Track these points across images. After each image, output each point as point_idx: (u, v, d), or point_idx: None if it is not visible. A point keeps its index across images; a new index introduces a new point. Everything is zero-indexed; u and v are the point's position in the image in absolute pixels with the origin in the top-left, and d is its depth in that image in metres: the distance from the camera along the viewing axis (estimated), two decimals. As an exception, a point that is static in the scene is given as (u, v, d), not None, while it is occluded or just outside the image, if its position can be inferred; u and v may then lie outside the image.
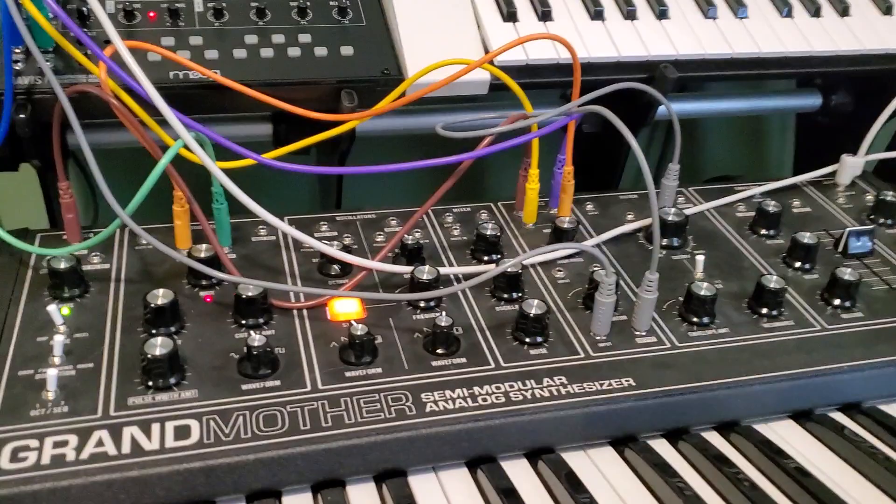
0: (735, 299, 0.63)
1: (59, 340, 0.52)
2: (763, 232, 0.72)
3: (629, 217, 0.72)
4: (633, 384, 0.54)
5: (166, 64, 0.64)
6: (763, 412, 0.57)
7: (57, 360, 0.52)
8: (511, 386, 0.53)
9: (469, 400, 0.52)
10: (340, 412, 0.50)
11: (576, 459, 0.52)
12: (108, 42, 0.56)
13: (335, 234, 0.67)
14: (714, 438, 0.55)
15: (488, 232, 0.65)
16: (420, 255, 0.64)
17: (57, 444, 0.46)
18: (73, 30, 0.56)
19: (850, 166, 0.80)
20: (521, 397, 0.52)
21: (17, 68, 0.62)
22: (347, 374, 0.53)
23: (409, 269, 0.60)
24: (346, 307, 0.58)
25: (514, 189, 0.72)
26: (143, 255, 0.62)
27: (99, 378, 0.51)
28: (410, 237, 0.64)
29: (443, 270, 0.61)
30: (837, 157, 0.81)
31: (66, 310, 0.56)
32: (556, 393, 0.53)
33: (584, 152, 0.72)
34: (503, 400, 0.52)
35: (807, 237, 0.68)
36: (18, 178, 0.73)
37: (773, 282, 0.62)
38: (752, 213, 0.74)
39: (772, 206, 0.72)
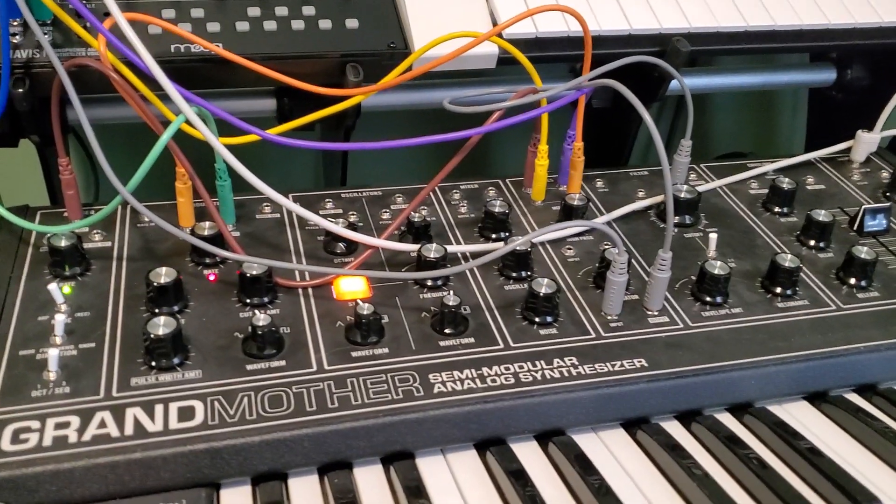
0: (748, 278, 0.62)
1: (60, 320, 0.51)
2: (776, 209, 0.71)
3: (640, 194, 0.71)
4: (646, 365, 0.53)
5: (167, 37, 0.62)
6: (777, 393, 0.56)
7: (58, 340, 0.51)
8: (520, 366, 0.52)
9: (478, 381, 0.51)
10: (347, 393, 0.49)
11: (587, 441, 0.51)
12: (107, 14, 0.55)
13: (340, 211, 0.66)
14: (727, 420, 0.54)
15: (496, 209, 0.64)
16: (427, 232, 0.63)
17: (59, 426, 0.46)
18: (72, 1, 0.54)
19: (866, 142, 0.79)
20: (530, 378, 0.51)
21: (14, 41, 0.60)
22: (354, 354, 0.52)
23: (415, 247, 0.59)
24: (351, 286, 0.57)
25: (522, 165, 0.70)
26: (145, 232, 0.61)
27: (101, 358, 0.50)
28: (417, 214, 0.62)
29: (450, 248, 0.59)
30: (851, 133, 0.79)
31: (67, 288, 0.55)
32: (566, 374, 0.52)
33: (593, 128, 0.71)
34: (512, 381, 0.51)
35: (822, 215, 0.66)
36: (18, 154, 0.72)
37: (787, 260, 0.60)
38: (766, 191, 0.72)
39: (786, 183, 0.70)
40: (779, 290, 0.61)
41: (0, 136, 0.65)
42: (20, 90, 0.59)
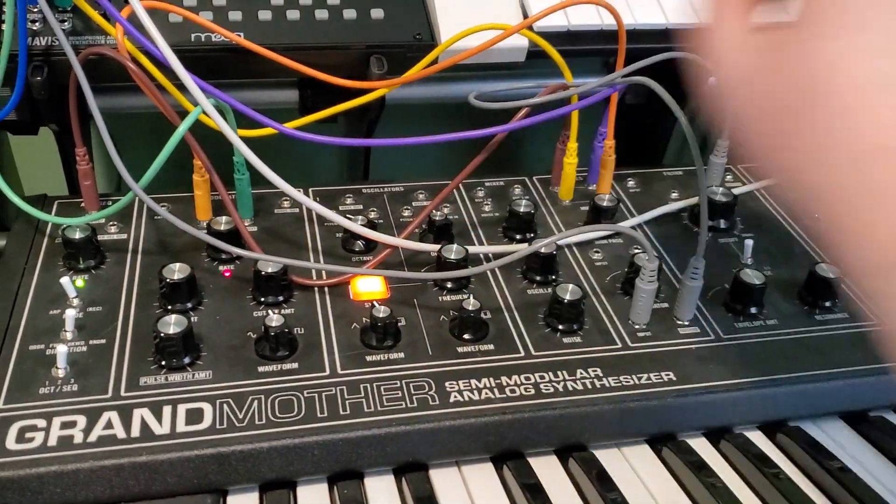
0: (785, 288, 0.59)
1: (71, 315, 0.50)
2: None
3: (673, 195, 0.68)
4: (674, 378, 0.51)
5: (188, 26, 0.60)
6: (812, 412, 0.53)
7: (69, 336, 0.50)
8: (542, 377, 0.50)
9: (496, 391, 0.49)
10: (359, 399, 0.47)
11: (609, 458, 0.49)
12: (126, 2, 0.53)
13: (361, 207, 0.64)
14: (758, 439, 0.52)
15: (522, 209, 0.61)
16: (448, 232, 0.60)
17: (65, 425, 0.44)
18: (89, -12, 0.53)
19: (915, 145, 0.75)
20: (551, 389, 0.49)
21: (34, 28, 0.59)
22: (368, 358, 0.50)
23: (435, 247, 0.57)
24: (369, 286, 0.55)
25: (550, 162, 0.68)
26: (161, 225, 0.60)
27: (111, 355, 0.49)
28: (439, 213, 0.60)
29: (471, 249, 0.57)
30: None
31: (80, 282, 0.54)
32: (589, 386, 0.50)
33: (626, 125, 0.68)
34: (533, 392, 0.49)
35: (866, 222, 0.63)
36: (38, 142, 0.71)
37: (827, 271, 0.57)
38: (807, 195, 0.69)
39: (828, 187, 0.67)
40: (817, 301, 0.58)
41: (20, 124, 0.64)
42: (38, 78, 0.58)
